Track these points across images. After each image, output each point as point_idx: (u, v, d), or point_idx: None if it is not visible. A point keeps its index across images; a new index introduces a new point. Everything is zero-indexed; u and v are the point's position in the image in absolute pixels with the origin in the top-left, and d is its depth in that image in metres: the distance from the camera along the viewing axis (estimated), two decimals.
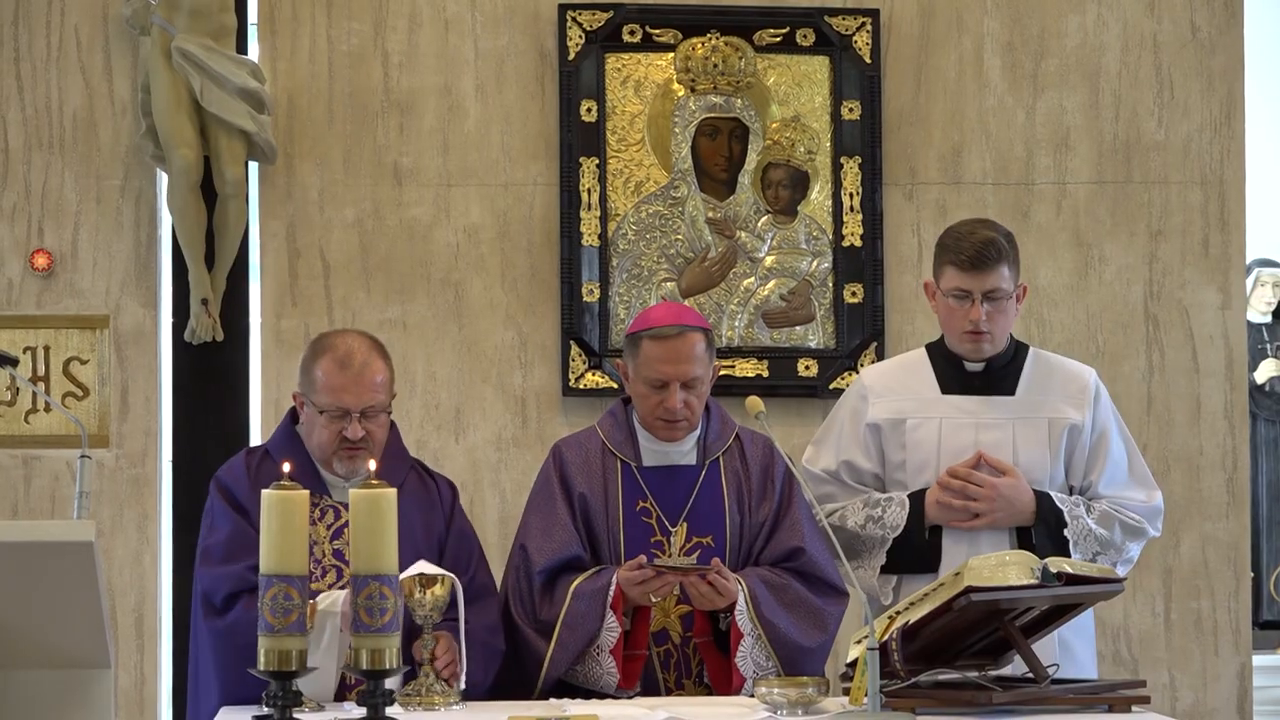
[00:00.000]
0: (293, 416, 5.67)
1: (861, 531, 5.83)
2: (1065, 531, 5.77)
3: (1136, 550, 5.90)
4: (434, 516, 5.58)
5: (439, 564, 5.49)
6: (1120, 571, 5.67)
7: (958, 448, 5.83)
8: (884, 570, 5.86)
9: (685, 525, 5.61)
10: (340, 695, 5.25)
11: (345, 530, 5.45)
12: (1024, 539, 5.79)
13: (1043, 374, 5.92)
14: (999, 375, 5.89)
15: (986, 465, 5.78)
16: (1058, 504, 5.76)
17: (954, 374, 5.90)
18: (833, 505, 5.85)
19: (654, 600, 5.46)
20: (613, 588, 5.44)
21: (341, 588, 5.30)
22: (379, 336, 5.64)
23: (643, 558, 5.44)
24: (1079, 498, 5.84)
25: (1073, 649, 5.74)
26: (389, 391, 5.50)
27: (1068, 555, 5.68)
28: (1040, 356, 5.98)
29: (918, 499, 5.82)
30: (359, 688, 5.08)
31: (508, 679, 5.53)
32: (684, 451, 5.66)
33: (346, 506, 5.41)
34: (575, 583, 5.48)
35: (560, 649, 5.45)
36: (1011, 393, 5.88)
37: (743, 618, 5.43)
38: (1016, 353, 5.93)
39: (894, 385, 5.95)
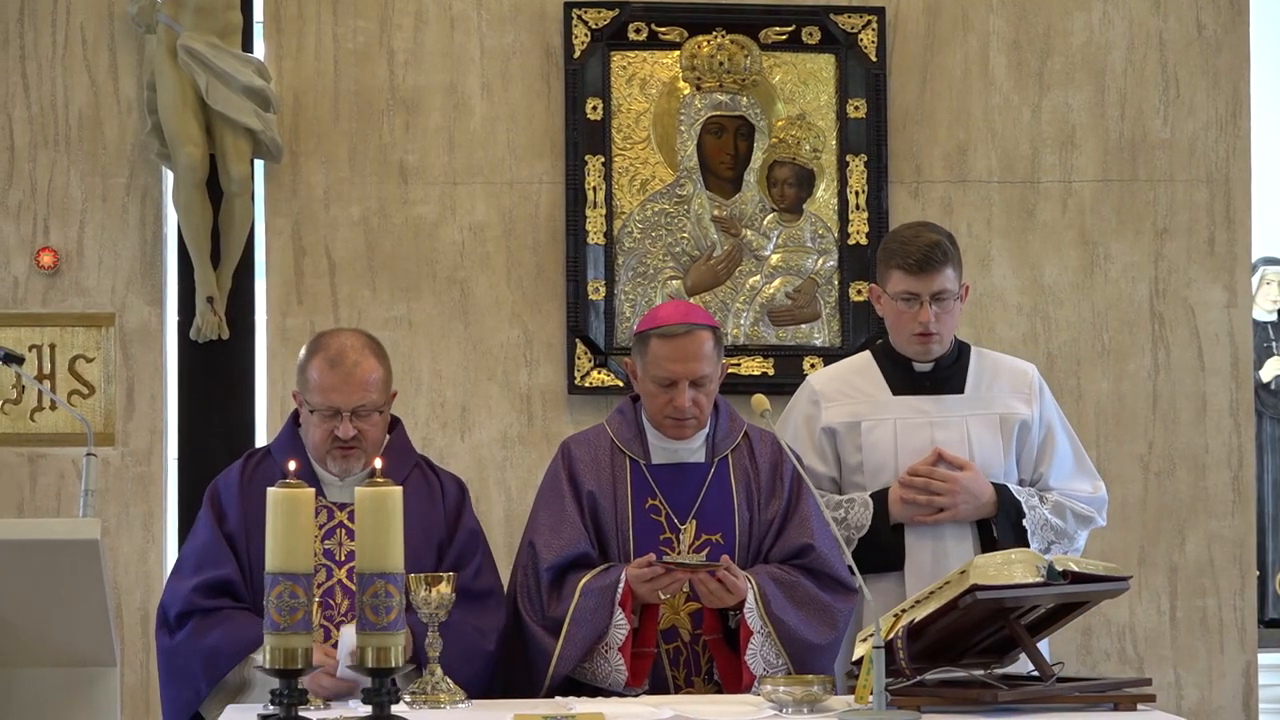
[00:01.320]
0: (295, 416, 5.70)
1: None
2: (1024, 521, 5.87)
3: (1084, 539, 6.09)
4: (434, 514, 5.59)
5: (439, 562, 5.50)
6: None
7: (914, 447, 5.92)
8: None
9: (694, 523, 5.62)
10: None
11: (338, 530, 5.47)
12: (985, 531, 5.88)
13: (989, 371, 6.04)
14: (946, 374, 6.00)
15: (944, 461, 5.86)
16: (1015, 495, 5.90)
17: (903, 375, 6.00)
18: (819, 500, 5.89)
19: (663, 598, 5.46)
20: (621, 585, 5.44)
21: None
22: (384, 334, 5.67)
23: (652, 555, 5.44)
24: (1032, 489, 5.95)
25: None
26: (382, 391, 5.51)
27: (1026, 545, 5.78)
28: (984, 354, 6.11)
29: (880, 498, 5.88)
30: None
31: (515, 676, 5.53)
32: (693, 449, 5.67)
33: (341, 506, 5.46)
34: (584, 580, 5.49)
35: (569, 645, 5.46)
36: (960, 391, 5.99)
37: (752, 615, 5.44)
38: (961, 352, 6.03)
39: (845, 389, 6.03)
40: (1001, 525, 5.88)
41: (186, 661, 5.41)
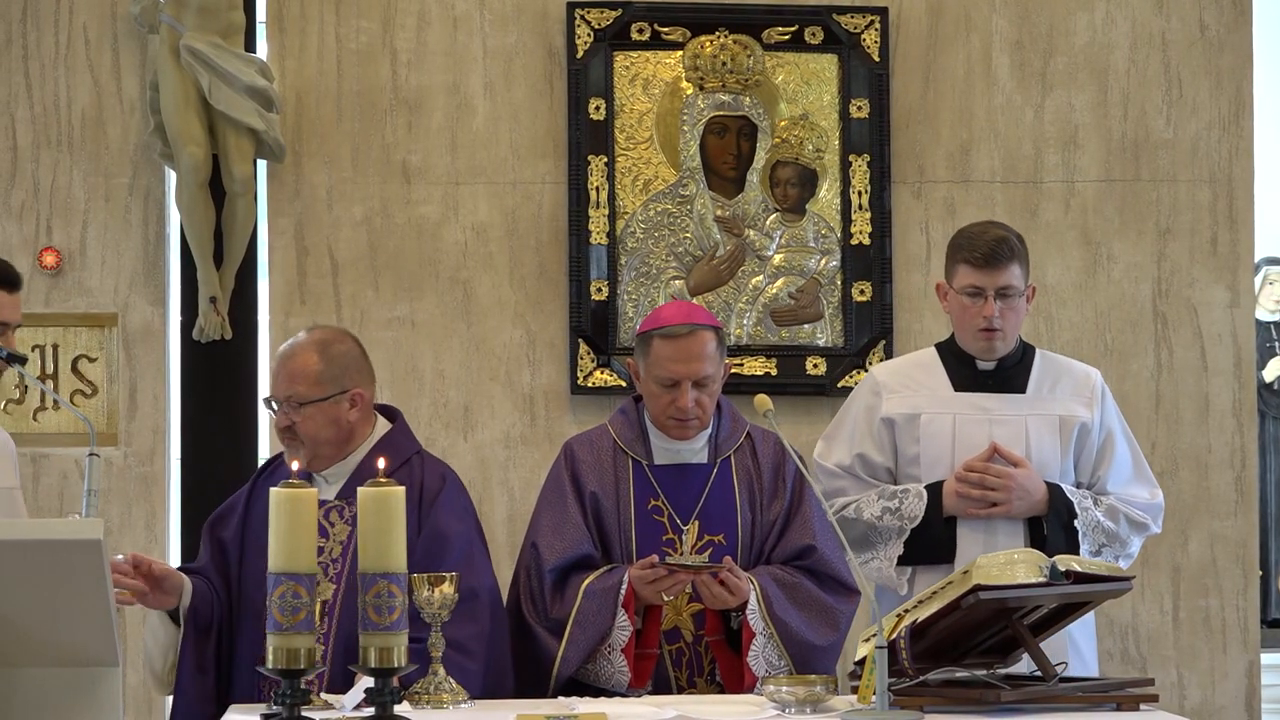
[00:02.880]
0: None
1: (878, 523, 5.92)
2: (1075, 522, 5.89)
3: (1138, 545, 6.07)
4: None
5: (412, 566, 5.44)
6: (1121, 565, 5.79)
7: (972, 443, 5.94)
8: (899, 561, 5.94)
9: (697, 524, 5.61)
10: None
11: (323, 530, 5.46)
12: (1035, 529, 5.90)
13: (1051, 373, 6.05)
14: (1010, 374, 6.01)
15: (1000, 457, 5.88)
16: (1068, 495, 5.91)
17: (966, 372, 6.02)
18: (846, 498, 5.92)
19: (666, 599, 5.46)
20: (624, 586, 5.44)
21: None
22: (387, 334, 5.66)
23: (655, 557, 5.44)
24: (1087, 491, 5.96)
25: (1077, 644, 5.83)
26: (314, 385, 5.39)
27: (1077, 546, 5.81)
28: (1048, 357, 6.13)
29: (934, 490, 5.90)
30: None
31: (519, 678, 5.52)
32: (695, 450, 5.66)
33: (321, 504, 5.42)
34: (587, 581, 5.48)
35: (572, 647, 5.45)
36: (1022, 390, 6.01)
37: (754, 617, 5.43)
38: (1025, 353, 6.06)
39: (907, 382, 6.06)
40: (1052, 525, 5.90)
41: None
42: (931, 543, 5.93)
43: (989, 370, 6.03)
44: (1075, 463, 6.04)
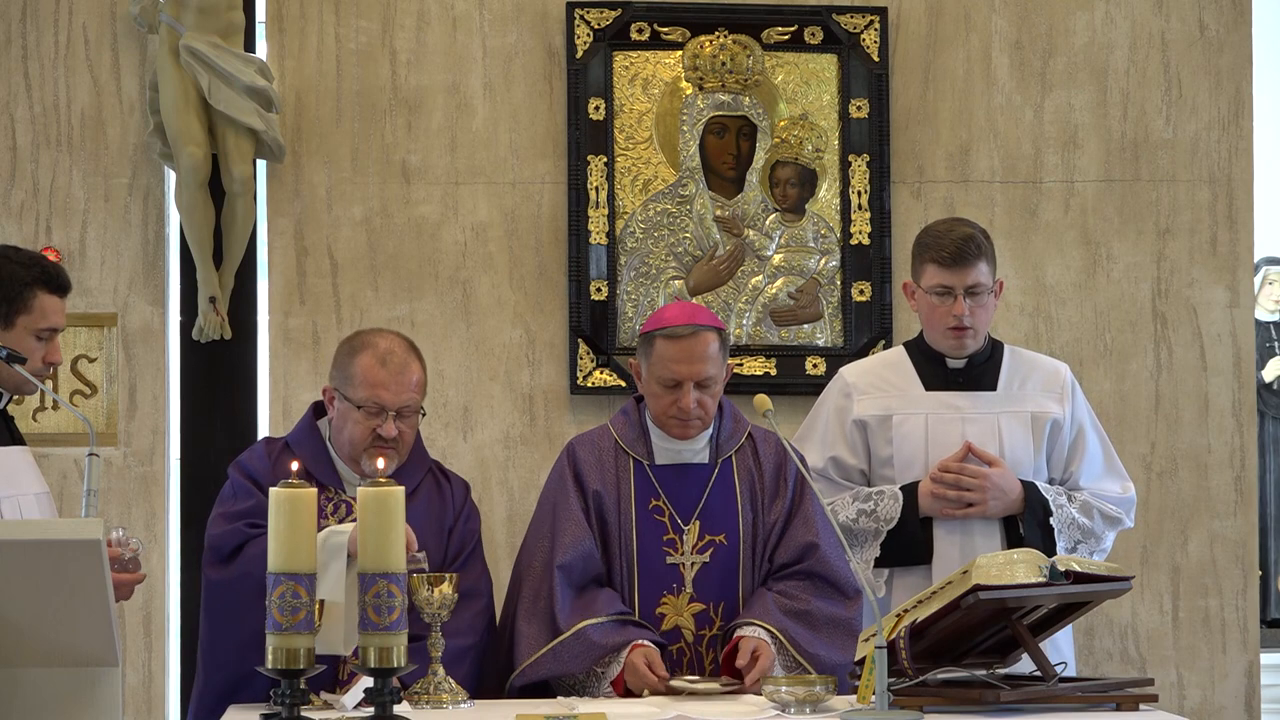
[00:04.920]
0: (314, 412, 5.70)
1: (854, 525, 5.94)
2: (1051, 520, 5.91)
3: (1111, 540, 6.15)
4: (447, 519, 5.60)
5: (445, 563, 5.49)
6: (1096, 560, 5.82)
7: (945, 442, 5.97)
8: (876, 563, 5.96)
9: (698, 523, 5.62)
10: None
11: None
12: (1011, 528, 5.92)
13: (1021, 370, 6.09)
14: (979, 371, 6.05)
15: (974, 457, 5.90)
16: (1043, 493, 5.95)
17: (936, 371, 6.05)
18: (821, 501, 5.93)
19: (645, 694, 5.39)
20: (619, 665, 5.38)
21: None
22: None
23: (664, 677, 5.35)
24: (1060, 488, 5.99)
25: (1057, 642, 5.86)
26: (424, 393, 5.57)
27: (1053, 544, 5.83)
28: (1017, 353, 6.17)
29: (909, 491, 5.92)
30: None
31: (487, 669, 5.53)
32: (697, 450, 5.67)
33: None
34: (587, 623, 5.42)
35: (536, 669, 5.41)
36: (993, 388, 6.05)
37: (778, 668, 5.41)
38: (994, 350, 6.08)
39: (878, 383, 6.08)
40: (1028, 523, 5.93)
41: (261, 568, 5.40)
42: (908, 544, 5.95)
43: (959, 368, 6.06)
44: (1048, 458, 6.07)
